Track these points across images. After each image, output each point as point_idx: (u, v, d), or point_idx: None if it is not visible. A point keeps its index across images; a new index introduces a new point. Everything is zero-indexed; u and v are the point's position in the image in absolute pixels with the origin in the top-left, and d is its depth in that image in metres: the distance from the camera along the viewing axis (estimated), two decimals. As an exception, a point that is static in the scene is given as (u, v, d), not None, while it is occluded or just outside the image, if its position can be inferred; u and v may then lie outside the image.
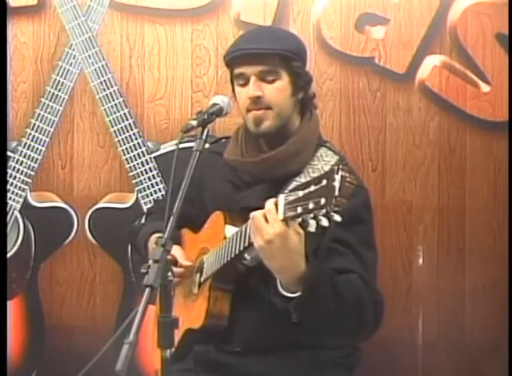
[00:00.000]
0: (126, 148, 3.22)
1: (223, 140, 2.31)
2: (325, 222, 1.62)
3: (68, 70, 3.26)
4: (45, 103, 3.27)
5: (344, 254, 1.98)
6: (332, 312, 1.88)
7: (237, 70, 2.11)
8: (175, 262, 2.11)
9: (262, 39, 2.09)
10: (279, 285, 1.88)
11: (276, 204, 1.76)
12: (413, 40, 3.13)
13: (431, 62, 3.14)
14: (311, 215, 1.63)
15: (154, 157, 3.23)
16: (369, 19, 3.16)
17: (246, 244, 1.90)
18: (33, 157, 3.28)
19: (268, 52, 2.06)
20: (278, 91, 2.08)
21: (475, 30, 3.11)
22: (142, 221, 2.50)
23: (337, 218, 1.61)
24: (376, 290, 2.00)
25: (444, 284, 3.17)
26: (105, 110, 3.23)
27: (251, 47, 2.07)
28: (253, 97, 2.07)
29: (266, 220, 1.77)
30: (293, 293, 1.85)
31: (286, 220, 1.74)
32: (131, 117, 3.22)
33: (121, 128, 3.22)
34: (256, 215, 1.80)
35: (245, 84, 2.09)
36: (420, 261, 3.18)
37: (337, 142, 3.15)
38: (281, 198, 1.74)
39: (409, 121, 3.17)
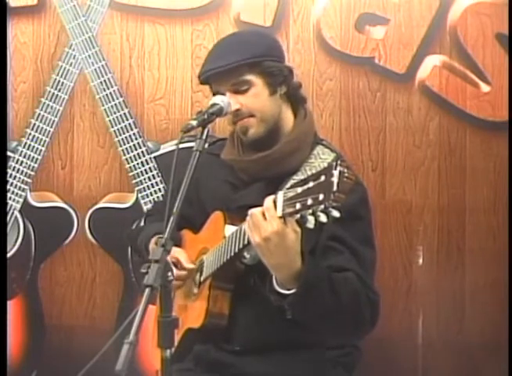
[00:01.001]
0: (126, 148, 3.22)
1: (218, 142, 2.32)
2: (323, 218, 1.63)
3: (68, 70, 3.26)
4: (45, 103, 3.27)
5: (340, 253, 1.99)
6: (328, 309, 1.89)
7: (214, 89, 2.14)
8: (177, 265, 2.12)
9: (224, 54, 2.09)
10: (274, 282, 1.89)
11: (275, 201, 1.76)
12: (413, 40, 3.13)
13: (431, 62, 3.14)
14: (310, 211, 1.64)
15: (154, 157, 3.23)
16: (369, 19, 3.16)
17: (246, 242, 1.91)
18: (33, 157, 3.28)
19: (232, 66, 2.06)
20: (254, 97, 2.09)
21: (475, 30, 3.11)
22: (141, 223, 2.49)
23: (336, 213, 1.61)
24: (373, 288, 2.00)
25: (444, 284, 3.17)
26: (105, 110, 3.23)
27: (215, 66, 2.08)
28: (232, 112, 2.08)
29: (264, 217, 1.78)
30: (288, 290, 1.86)
31: (284, 217, 1.74)
32: (131, 117, 3.22)
33: (121, 128, 3.22)
34: (254, 211, 1.80)
35: None
36: (420, 261, 3.18)
37: (337, 142, 3.15)
38: (280, 195, 1.74)
39: (409, 121, 3.17)
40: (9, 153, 3.28)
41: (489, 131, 3.13)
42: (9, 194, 3.28)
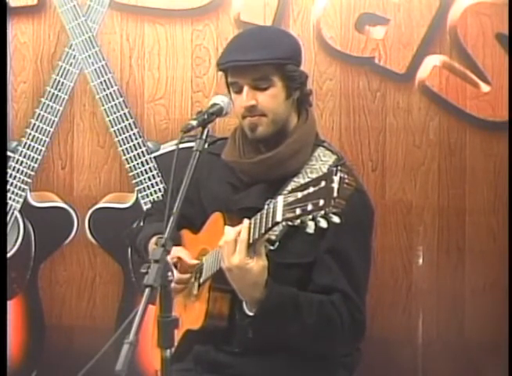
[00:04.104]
0: (126, 148, 3.22)
1: (219, 141, 2.31)
2: (323, 224, 1.64)
3: (68, 70, 3.26)
4: (45, 103, 3.27)
5: (333, 270, 2.02)
6: (290, 334, 1.98)
7: (230, 79, 2.12)
8: (177, 265, 2.12)
9: (253, 48, 2.07)
10: (244, 302, 1.98)
11: (249, 232, 1.86)
12: (413, 40, 3.13)
13: (431, 62, 3.14)
14: (310, 217, 1.65)
15: (154, 157, 3.23)
16: (369, 19, 3.16)
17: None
18: (33, 157, 3.28)
19: (260, 62, 2.05)
20: (271, 98, 2.08)
21: (475, 30, 3.11)
22: (141, 223, 2.49)
23: (336, 219, 1.63)
24: (360, 307, 2.05)
25: (444, 284, 3.17)
26: (105, 110, 3.23)
27: (242, 59, 2.06)
28: (247, 106, 2.07)
29: (235, 248, 1.88)
30: (251, 311, 1.95)
31: (255, 246, 1.84)
32: (131, 117, 3.22)
33: (121, 128, 3.22)
34: (227, 241, 1.90)
35: (239, 91, 2.09)
36: (420, 261, 3.18)
37: (337, 142, 3.15)
38: (280, 200, 1.75)
39: (409, 121, 3.17)
40: (9, 153, 3.28)
41: (489, 131, 3.13)
42: (9, 194, 3.28)
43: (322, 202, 1.62)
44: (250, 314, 1.95)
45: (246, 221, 1.89)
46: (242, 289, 1.94)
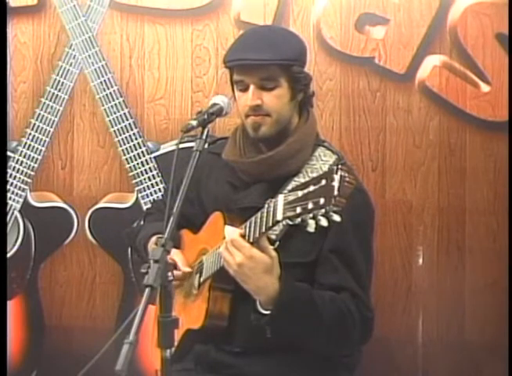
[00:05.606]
0: (126, 148, 3.22)
1: (220, 141, 2.31)
2: (324, 222, 1.64)
3: (68, 70, 3.26)
4: (45, 103, 3.27)
5: (339, 269, 2.03)
6: (308, 329, 1.96)
7: (236, 77, 2.11)
8: (175, 267, 2.12)
9: (261, 47, 2.06)
10: (257, 301, 1.95)
11: (244, 236, 1.87)
12: (413, 40, 3.13)
13: (431, 62, 3.14)
14: (311, 215, 1.65)
15: (154, 157, 3.23)
16: (369, 19, 3.16)
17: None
18: (33, 157, 3.28)
19: (268, 62, 2.05)
20: (277, 98, 2.08)
21: (475, 30, 3.11)
22: (141, 222, 2.49)
23: (336, 218, 1.63)
24: (368, 305, 2.05)
25: (444, 284, 3.17)
26: (105, 110, 3.23)
27: (250, 58, 2.05)
28: (252, 106, 2.07)
29: (238, 243, 1.88)
30: (267, 310, 1.93)
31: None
32: (131, 117, 3.22)
33: (121, 128, 3.22)
34: (230, 239, 1.88)
35: (244, 89, 2.09)
36: (420, 261, 3.19)
37: (337, 142, 3.15)
38: (280, 198, 1.76)
39: (409, 121, 3.17)
40: (9, 153, 3.28)
41: (489, 131, 3.13)
42: (9, 194, 3.28)
43: (322, 200, 1.62)
44: (266, 312, 1.93)
45: (234, 231, 1.91)
46: (256, 282, 1.90)
